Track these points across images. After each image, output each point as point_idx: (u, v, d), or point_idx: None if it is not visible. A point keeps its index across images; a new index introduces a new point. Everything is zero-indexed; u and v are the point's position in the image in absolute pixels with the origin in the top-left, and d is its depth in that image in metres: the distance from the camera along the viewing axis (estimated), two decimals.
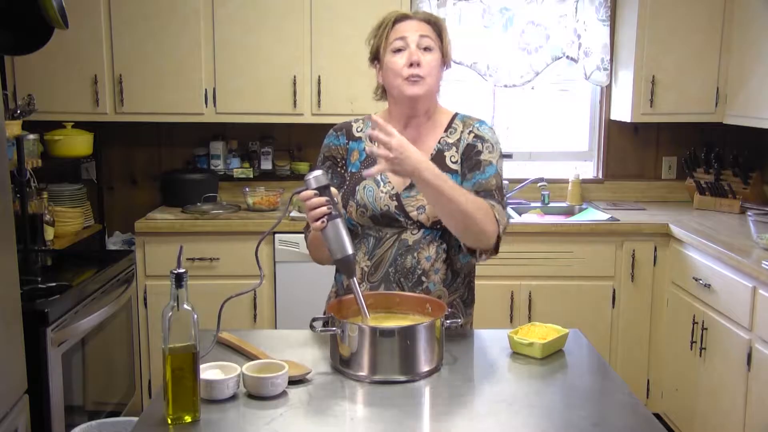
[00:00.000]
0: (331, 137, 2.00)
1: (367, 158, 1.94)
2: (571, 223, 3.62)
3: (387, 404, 1.49)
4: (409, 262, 1.87)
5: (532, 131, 4.24)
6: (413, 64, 1.83)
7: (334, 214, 1.66)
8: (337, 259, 1.69)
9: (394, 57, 1.86)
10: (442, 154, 1.91)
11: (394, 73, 1.85)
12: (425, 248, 1.87)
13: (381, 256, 1.88)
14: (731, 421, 2.88)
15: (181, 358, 1.38)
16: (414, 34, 1.86)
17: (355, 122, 2.01)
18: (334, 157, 1.97)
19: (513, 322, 3.53)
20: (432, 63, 1.86)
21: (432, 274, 1.88)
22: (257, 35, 3.62)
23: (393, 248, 1.88)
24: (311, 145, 4.04)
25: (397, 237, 1.88)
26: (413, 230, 1.87)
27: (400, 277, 1.87)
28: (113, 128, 3.87)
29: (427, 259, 1.87)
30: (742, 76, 3.57)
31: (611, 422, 1.46)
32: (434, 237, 1.88)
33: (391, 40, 1.86)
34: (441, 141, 1.93)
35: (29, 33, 2.57)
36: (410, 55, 1.84)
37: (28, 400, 2.25)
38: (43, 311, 2.38)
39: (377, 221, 1.89)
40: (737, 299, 2.85)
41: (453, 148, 1.92)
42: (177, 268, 1.39)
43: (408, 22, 1.88)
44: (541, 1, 3.90)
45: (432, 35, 1.88)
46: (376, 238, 1.89)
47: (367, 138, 1.95)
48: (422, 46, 1.85)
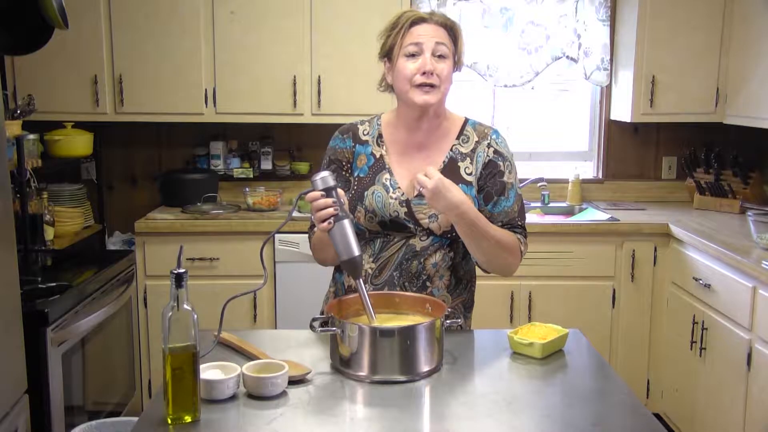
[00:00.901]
0: (336, 140, 1.97)
1: (375, 163, 1.91)
2: (571, 223, 3.62)
3: (387, 404, 1.49)
4: (414, 267, 1.86)
5: (532, 131, 4.24)
6: (426, 73, 1.81)
7: (341, 215, 1.67)
8: (344, 260, 1.69)
9: (407, 62, 1.83)
10: (456, 164, 1.90)
11: (406, 79, 1.83)
12: (432, 255, 1.87)
13: (386, 260, 1.88)
14: (731, 421, 2.88)
15: (181, 358, 1.38)
16: (430, 41, 1.82)
17: (361, 125, 1.97)
18: (340, 161, 1.94)
19: (513, 322, 3.53)
20: (445, 72, 1.84)
21: (437, 279, 1.88)
22: (257, 35, 3.62)
23: (399, 252, 1.87)
24: (311, 145, 4.04)
25: (405, 242, 1.87)
26: (422, 237, 1.86)
27: (405, 281, 1.87)
28: (113, 128, 3.87)
29: (433, 266, 1.87)
30: (742, 76, 3.57)
31: (611, 422, 1.46)
32: (442, 245, 1.87)
33: (406, 43, 1.83)
34: (453, 149, 1.91)
35: (29, 33, 2.57)
36: (424, 64, 1.81)
37: (28, 400, 2.25)
38: (43, 311, 2.38)
39: (386, 227, 1.87)
40: (737, 299, 2.85)
41: (467, 159, 1.90)
42: (177, 268, 1.39)
43: (424, 26, 1.84)
44: (541, 1, 3.90)
45: (447, 41, 1.85)
46: (383, 241, 1.88)
47: (374, 141, 1.94)
48: (437, 53, 1.82)
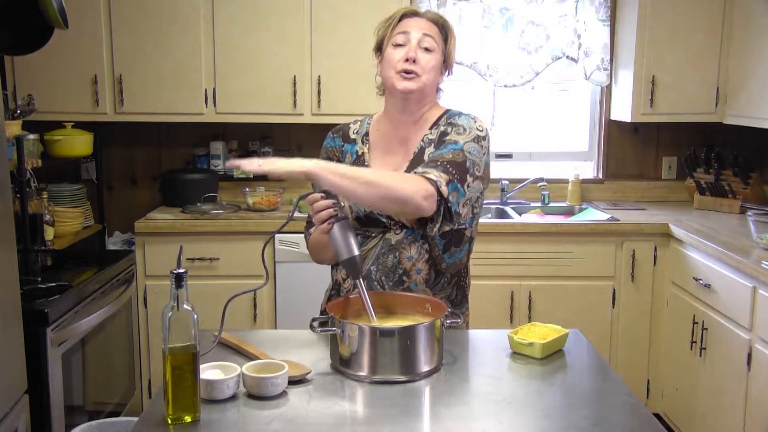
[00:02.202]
0: (328, 139, 2.04)
1: (356, 160, 1.96)
2: (571, 223, 3.62)
3: (387, 404, 1.49)
4: (390, 261, 1.88)
5: (532, 131, 4.24)
6: (408, 60, 1.85)
7: (340, 216, 1.71)
8: (344, 260, 1.73)
9: (393, 50, 1.88)
10: (423, 151, 1.91)
11: (390, 65, 1.88)
12: (407, 248, 1.88)
13: (365, 255, 1.90)
14: (731, 421, 2.88)
15: (181, 358, 1.38)
16: (417, 32, 1.87)
17: (354, 124, 2.03)
18: (331, 159, 1.99)
19: (513, 322, 3.53)
20: (430, 63, 1.87)
21: (414, 273, 1.89)
22: (257, 35, 3.62)
23: (377, 247, 1.89)
24: (311, 145, 4.03)
25: (382, 236, 1.90)
26: (396, 230, 1.89)
27: (382, 276, 1.89)
28: (113, 128, 3.87)
29: (409, 259, 1.88)
30: (742, 76, 3.57)
31: (611, 422, 1.46)
32: (416, 237, 1.88)
33: (395, 33, 1.89)
34: (424, 139, 1.93)
35: (29, 33, 2.57)
36: (408, 51, 1.86)
37: (28, 400, 2.25)
38: (43, 311, 2.37)
39: (362, 222, 1.91)
40: (737, 299, 2.85)
41: (432, 144, 1.91)
42: (177, 268, 1.39)
43: (415, 19, 1.90)
44: (541, 1, 3.90)
45: (436, 37, 1.89)
46: (362, 236, 1.91)
47: (360, 139, 1.98)
48: (423, 45, 1.87)
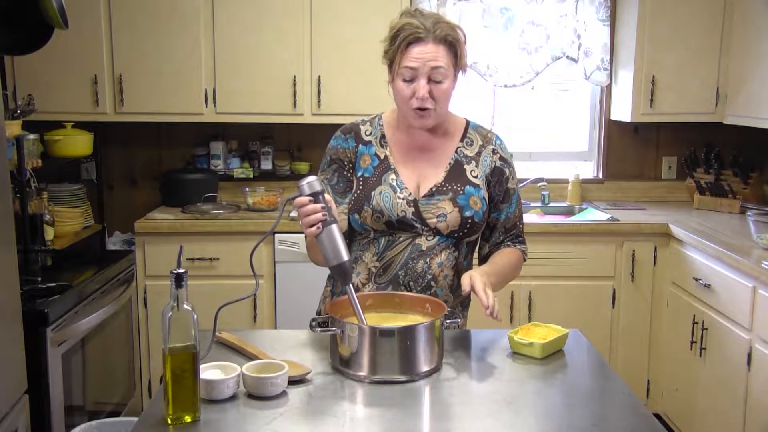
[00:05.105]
0: (338, 139, 1.95)
1: (381, 164, 1.91)
2: (571, 223, 3.62)
3: (387, 404, 1.49)
4: (420, 267, 1.86)
5: (532, 131, 4.24)
6: (420, 99, 1.79)
7: (329, 220, 1.65)
8: (333, 266, 1.67)
9: (403, 84, 1.81)
10: (462, 166, 1.91)
11: (403, 100, 1.83)
12: (438, 255, 1.87)
13: (391, 259, 1.87)
14: (731, 421, 2.88)
15: (181, 358, 1.38)
16: (425, 66, 1.77)
17: (363, 125, 1.96)
18: (342, 161, 1.93)
19: (513, 322, 3.53)
20: (442, 92, 1.81)
21: (441, 279, 1.88)
22: (257, 35, 3.62)
23: (405, 252, 1.87)
24: (311, 145, 4.04)
25: (411, 241, 1.87)
26: (428, 236, 1.87)
27: (410, 281, 1.87)
28: (113, 128, 3.87)
29: (438, 265, 1.87)
30: (742, 76, 3.57)
31: (611, 422, 1.46)
32: (448, 244, 1.87)
33: (402, 66, 1.79)
34: (458, 151, 1.93)
35: (29, 33, 2.57)
36: (417, 91, 1.79)
37: (28, 400, 2.26)
38: (43, 311, 2.38)
39: (392, 226, 1.87)
40: (737, 299, 2.85)
41: (473, 162, 1.92)
42: (177, 268, 1.39)
43: (420, 47, 1.77)
44: (541, 1, 3.90)
45: (446, 59, 1.79)
46: (388, 240, 1.88)
47: (377, 142, 1.94)
48: (433, 78, 1.79)
